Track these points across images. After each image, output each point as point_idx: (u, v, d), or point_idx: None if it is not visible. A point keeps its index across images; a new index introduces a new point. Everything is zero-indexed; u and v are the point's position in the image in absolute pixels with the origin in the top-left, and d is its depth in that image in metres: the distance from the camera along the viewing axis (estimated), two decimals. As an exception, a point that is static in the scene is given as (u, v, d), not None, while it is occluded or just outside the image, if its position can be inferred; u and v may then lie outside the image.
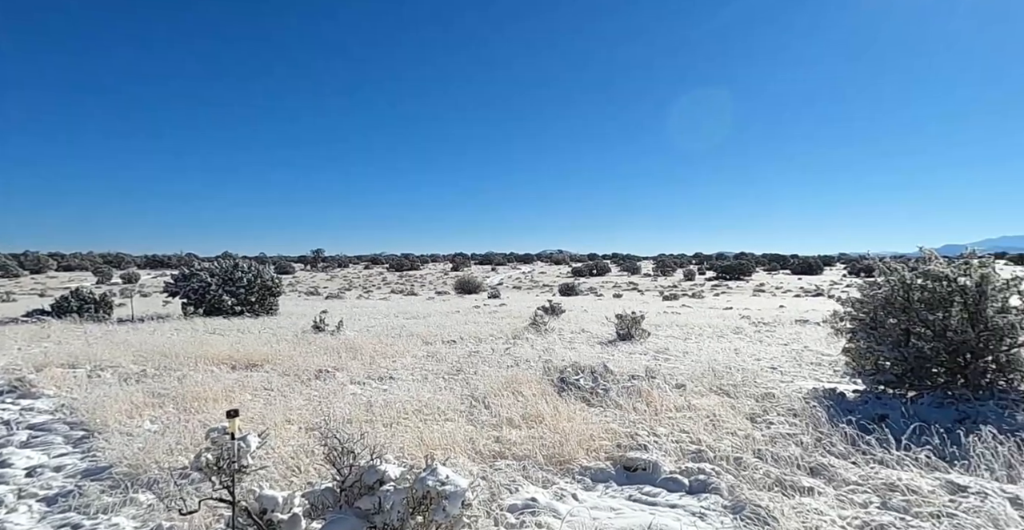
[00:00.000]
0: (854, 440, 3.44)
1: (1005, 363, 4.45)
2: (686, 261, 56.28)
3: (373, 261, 60.71)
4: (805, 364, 6.71)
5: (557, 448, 3.48)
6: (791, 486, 2.91)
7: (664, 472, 3.25)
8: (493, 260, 59.56)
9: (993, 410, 3.94)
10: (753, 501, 2.70)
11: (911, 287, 4.77)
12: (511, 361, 6.77)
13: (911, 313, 4.69)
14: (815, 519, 2.46)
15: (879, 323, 4.92)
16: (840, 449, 3.38)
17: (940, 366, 4.63)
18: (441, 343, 8.49)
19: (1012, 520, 2.38)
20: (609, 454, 3.51)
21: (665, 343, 8.45)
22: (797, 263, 44.68)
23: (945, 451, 3.23)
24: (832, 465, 3.12)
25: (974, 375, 4.41)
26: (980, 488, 2.67)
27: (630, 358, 7.08)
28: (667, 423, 4.06)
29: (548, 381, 5.35)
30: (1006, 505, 2.51)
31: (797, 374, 6.12)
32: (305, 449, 3.28)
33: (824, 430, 3.66)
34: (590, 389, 5.01)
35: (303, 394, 5.07)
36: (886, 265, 5.07)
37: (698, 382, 5.35)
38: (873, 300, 5.02)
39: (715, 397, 4.82)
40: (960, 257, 4.89)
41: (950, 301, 4.57)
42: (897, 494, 2.72)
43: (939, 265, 4.81)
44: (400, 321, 11.94)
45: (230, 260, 13.68)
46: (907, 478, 2.85)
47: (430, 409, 4.45)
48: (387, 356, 7.14)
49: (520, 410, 4.29)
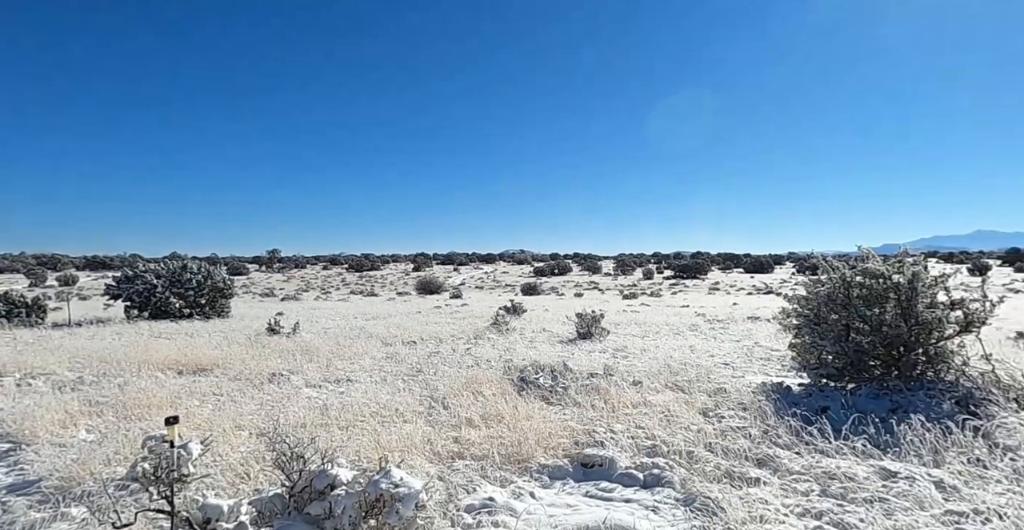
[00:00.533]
0: (798, 432, 3.59)
1: (934, 355, 4.74)
2: (645, 260, 57.53)
3: (332, 262, 59.27)
4: (755, 359, 6.97)
5: (516, 447, 3.49)
6: (739, 477, 3.01)
7: (620, 468, 3.31)
8: (455, 260, 59.20)
9: (922, 400, 4.20)
10: (704, 493, 2.78)
11: (851, 284, 5.02)
12: (472, 361, 6.75)
13: (851, 309, 4.93)
14: (760, 508, 2.56)
15: (822, 319, 5.17)
16: (785, 440, 3.53)
17: (876, 359, 4.89)
18: (401, 344, 8.38)
19: (935, 501, 2.55)
20: (567, 451, 3.55)
21: (624, 341, 8.62)
22: (750, 262, 46.42)
23: (880, 439, 3.42)
24: (777, 456, 3.26)
25: (906, 367, 4.69)
26: (909, 473, 2.84)
27: (590, 356, 7.18)
28: (624, 419, 4.13)
29: (508, 380, 5.36)
30: (931, 488, 2.68)
31: (748, 369, 6.35)
32: (256, 455, 3.17)
33: (771, 423, 3.81)
34: (549, 388, 5.06)
35: (255, 399, 4.91)
36: (829, 264, 5.32)
37: (654, 379, 5.47)
38: (817, 297, 5.26)
39: (670, 393, 4.94)
40: (895, 256, 5.19)
41: (886, 297, 4.84)
42: (836, 482, 2.86)
43: (876, 263, 5.09)
44: (359, 322, 11.71)
45: (178, 261, 13.08)
46: (845, 466, 3.00)
47: (388, 411, 4.39)
48: (345, 358, 6.99)
49: (480, 410, 4.29)
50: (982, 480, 2.80)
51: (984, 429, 3.40)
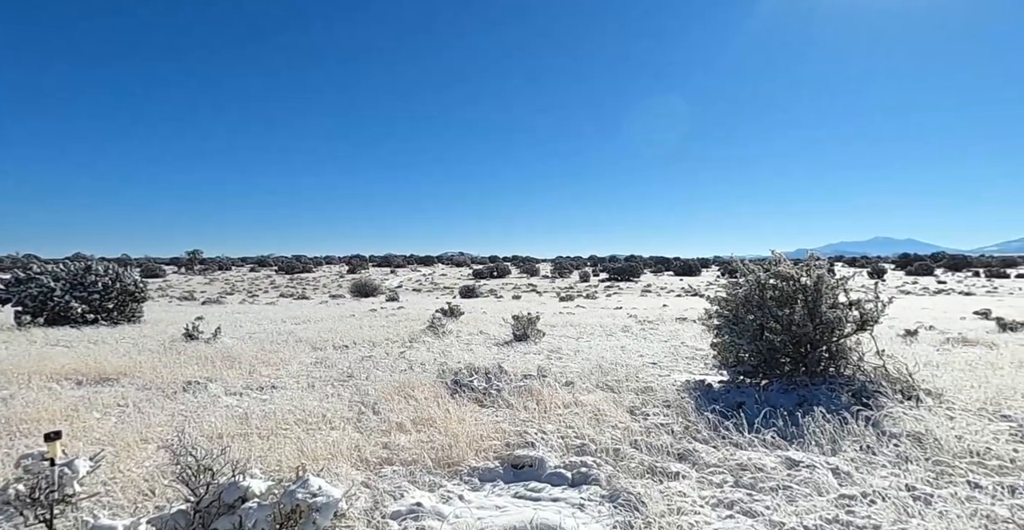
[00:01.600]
0: (716, 427, 3.80)
1: (835, 352, 5.17)
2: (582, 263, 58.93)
3: (260, 263, 56.28)
4: (681, 359, 7.30)
5: (447, 451, 3.46)
6: (661, 472, 3.14)
7: (550, 467, 3.36)
8: (393, 262, 57.95)
9: (824, 393, 4.56)
10: (627, 489, 2.88)
11: (765, 286, 5.38)
12: (406, 365, 6.63)
13: (765, 310, 5.28)
14: (679, 501, 2.68)
15: (740, 319, 5.49)
16: (704, 435, 3.72)
17: (787, 356, 5.26)
18: (332, 348, 8.09)
19: (831, 487, 2.78)
20: (498, 453, 3.56)
21: (559, 343, 8.77)
22: (679, 265, 48.69)
23: (787, 431, 3.68)
24: (696, 450, 3.43)
25: (812, 363, 5.09)
26: (810, 462, 3.08)
27: (525, 358, 7.25)
28: (555, 420, 4.20)
29: (443, 384, 5.31)
30: (828, 475, 2.92)
31: (674, 368, 6.64)
32: (163, 470, 2.94)
33: (692, 419, 4.01)
34: (483, 390, 5.06)
35: (167, 409, 4.56)
36: (746, 267, 5.67)
37: (586, 379, 5.60)
38: (735, 298, 5.59)
39: (601, 393, 5.08)
40: (804, 260, 5.61)
41: (795, 299, 5.22)
42: (747, 472, 3.05)
43: (787, 267, 5.48)
44: (288, 326, 11.20)
45: (82, 262, 11.95)
46: (756, 457, 3.20)
47: (315, 418, 4.22)
48: (270, 364, 6.66)
49: (411, 414, 4.22)
50: (871, 466, 3.07)
51: (874, 419, 3.75)
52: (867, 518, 2.42)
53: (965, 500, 2.55)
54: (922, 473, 2.93)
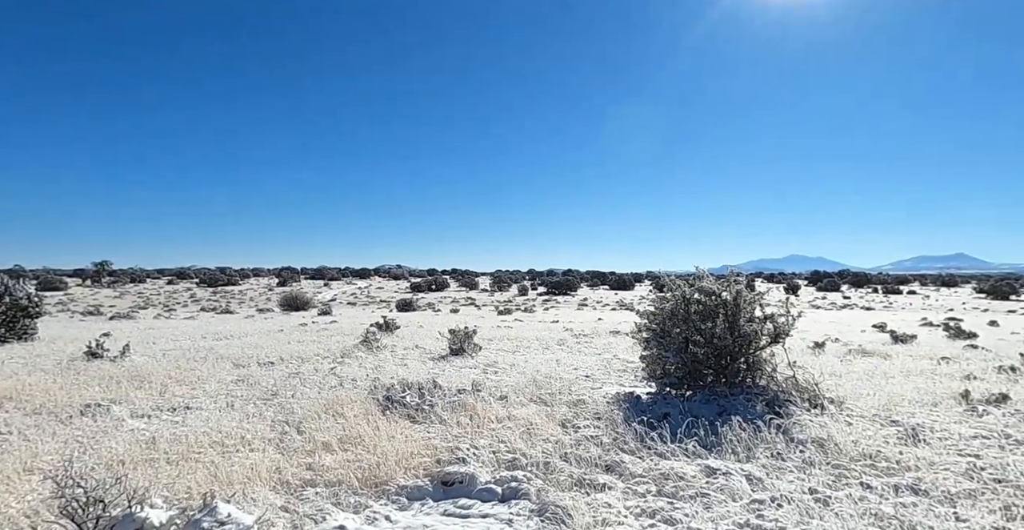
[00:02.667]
0: (642, 437, 3.93)
1: (752, 363, 5.50)
2: (521, 277, 59.45)
3: (179, 275, 52.41)
4: (613, 371, 7.50)
5: (374, 469, 3.36)
6: (590, 484, 3.20)
7: (480, 483, 3.33)
8: (327, 275, 55.82)
9: (742, 403, 4.84)
10: (556, 502, 2.91)
11: (690, 301, 5.65)
12: (336, 381, 6.39)
13: (690, 323, 5.54)
14: (605, 512, 2.74)
15: (667, 332, 5.73)
16: (631, 446, 3.84)
17: (709, 368, 5.53)
18: (257, 365, 7.66)
19: (745, 493, 2.94)
20: (428, 470, 3.49)
21: (496, 356, 8.76)
22: (614, 279, 50.22)
23: (707, 440, 3.87)
24: (623, 461, 3.52)
25: (731, 374, 5.38)
26: (727, 469, 3.25)
27: (460, 372, 7.19)
28: (488, 434, 4.18)
29: (374, 400, 5.16)
30: (743, 481, 3.09)
31: (606, 381, 6.80)
32: (48, 504, 2.66)
33: (620, 430, 4.12)
34: (416, 406, 4.96)
35: (59, 436, 4.13)
36: (672, 282, 5.95)
37: (521, 393, 5.63)
38: (663, 312, 5.83)
39: (534, 406, 5.12)
40: (725, 276, 5.96)
41: (717, 313, 5.52)
42: (670, 481, 3.17)
43: (709, 282, 5.80)
44: (208, 343, 10.50)
45: (-35, 269, 10.67)
46: (678, 467, 3.34)
47: (233, 439, 3.97)
48: (185, 383, 6.20)
49: (339, 433, 4.06)
50: (780, 471, 3.29)
51: (784, 426, 4.02)
52: (774, 521, 2.58)
53: (858, 500, 2.77)
54: (823, 476, 3.17)
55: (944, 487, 2.92)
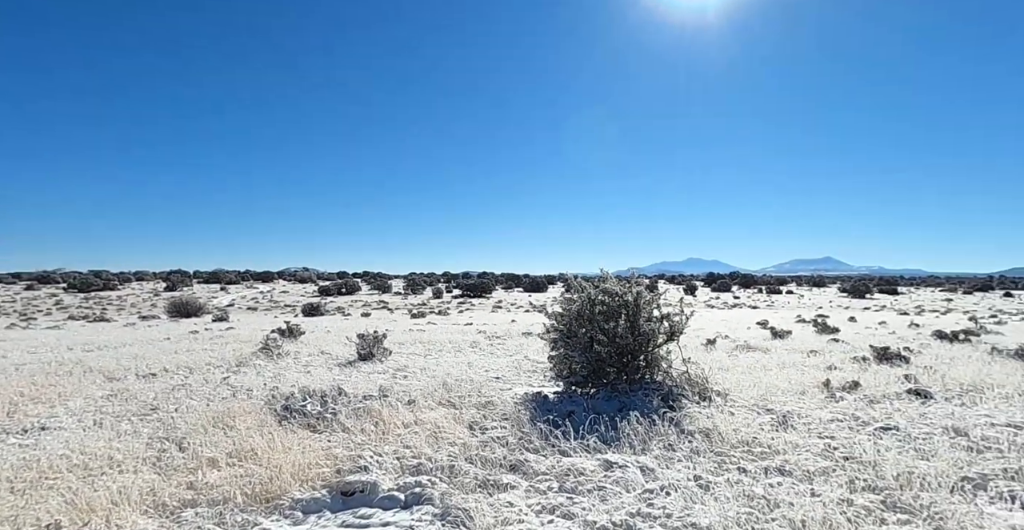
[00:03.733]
0: (547, 436, 4.03)
1: (651, 360, 5.84)
2: (436, 279, 58.79)
3: (41, 280, 45.91)
4: (524, 372, 7.63)
5: (266, 484, 3.15)
6: (494, 484, 3.23)
7: (383, 491, 3.24)
8: (223, 278, 51.55)
9: (640, 398, 5.12)
10: (459, 505, 2.90)
11: (595, 302, 5.90)
12: (229, 392, 5.93)
13: (594, 323, 5.78)
14: (506, 511, 2.78)
15: (574, 333, 5.93)
16: (536, 445, 3.92)
17: (612, 366, 5.79)
18: (135, 378, 6.91)
19: (639, 484, 3.12)
20: (327, 481, 3.34)
21: (406, 360, 8.59)
22: (528, 281, 51.22)
23: (608, 436, 4.04)
24: (528, 460, 3.59)
25: (631, 371, 5.68)
26: (624, 462, 3.42)
27: (368, 378, 6.97)
28: (394, 440, 4.09)
29: (271, 411, 4.85)
30: (637, 473, 3.27)
31: (516, 382, 6.90)
32: None
33: (526, 430, 4.19)
34: (317, 414, 4.73)
35: None
36: (579, 284, 6.18)
37: (430, 397, 5.56)
38: (570, 313, 6.04)
39: (443, 409, 5.07)
40: (627, 278, 6.28)
41: (619, 313, 5.80)
42: (571, 477, 3.28)
43: (612, 284, 6.08)
44: (76, 354, 9.31)
45: None
46: (579, 462, 3.46)
47: (100, 461, 3.55)
48: (42, 401, 5.45)
49: (228, 447, 3.77)
50: (671, 461, 3.52)
51: (676, 419, 4.31)
52: (662, 508, 2.75)
53: (735, 484, 3.04)
54: (708, 464, 3.44)
55: (805, 467, 3.27)
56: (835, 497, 2.79)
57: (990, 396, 5.21)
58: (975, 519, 2.53)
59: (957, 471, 3.12)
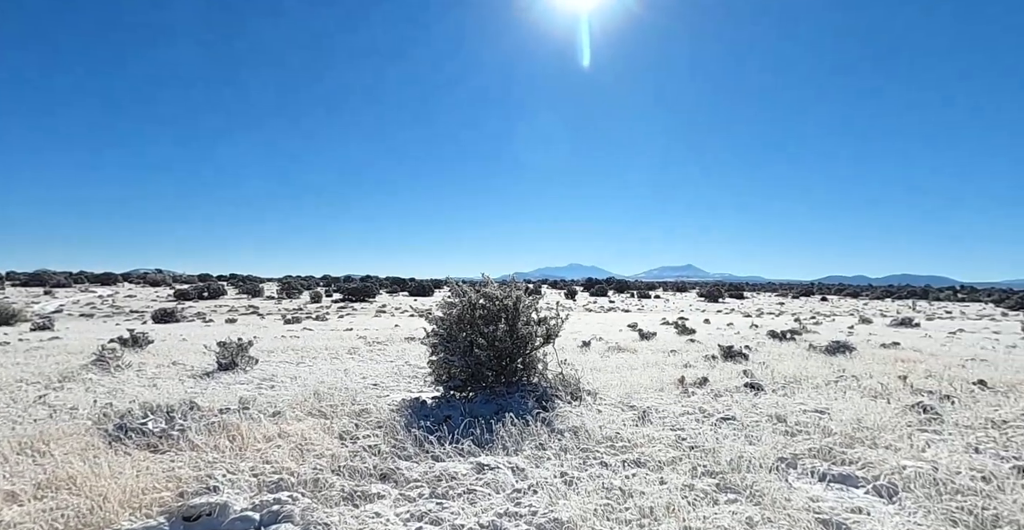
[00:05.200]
0: (422, 442, 3.96)
1: (528, 363, 6.03)
2: (315, 283, 55.42)
3: None
4: (403, 378, 7.46)
5: (85, 516, 2.71)
6: (362, 495, 3.10)
7: (234, 512, 2.95)
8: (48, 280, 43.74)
9: (517, 400, 5.26)
10: (321, 520, 2.74)
11: (475, 306, 5.95)
12: (45, 412, 5.04)
13: (475, 327, 5.83)
14: (372, 522, 2.68)
15: (454, 337, 5.92)
16: (410, 452, 3.84)
17: (491, 370, 5.89)
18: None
19: (509, 484, 3.19)
20: (166, 506, 2.96)
21: (275, 369, 7.97)
22: (414, 285, 50.38)
23: (483, 438, 4.09)
24: (400, 468, 3.50)
25: (509, 374, 5.81)
26: (496, 464, 3.48)
27: (228, 390, 6.34)
28: (253, 456, 3.75)
29: (100, 431, 4.21)
30: (509, 473, 3.34)
31: (395, 388, 6.72)
32: None
33: (400, 437, 4.09)
34: (161, 433, 4.19)
35: None
36: (459, 287, 6.19)
37: (299, 407, 5.21)
38: (451, 317, 6.03)
39: (312, 420, 4.77)
40: (507, 283, 6.42)
41: (499, 317, 5.91)
42: (443, 482, 3.25)
43: (493, 288, 6.19)
44: None
45: None
46: (452, 467, 3.45)
47: None
48: None
49: (37, 477, 3.19)
50: (541, 460, 3.65)
51: (548, 419, 4.48)
52: (529, 506, 2.84)
53: (596, 478, 3.24)
54: (574, 460, 3.62)
55: (658, 458, 3.59)
56: (680, 483, 3.09)
57: (806, 386, 6.13)
58: (785, 493, 2.96)
59: (775, 453, 3.62)
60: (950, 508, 2.78)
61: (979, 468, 3.31)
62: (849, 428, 4.22)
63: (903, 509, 2.86)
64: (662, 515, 2.71)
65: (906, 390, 5.89)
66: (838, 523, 2.64)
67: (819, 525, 2.64)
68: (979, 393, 5.75)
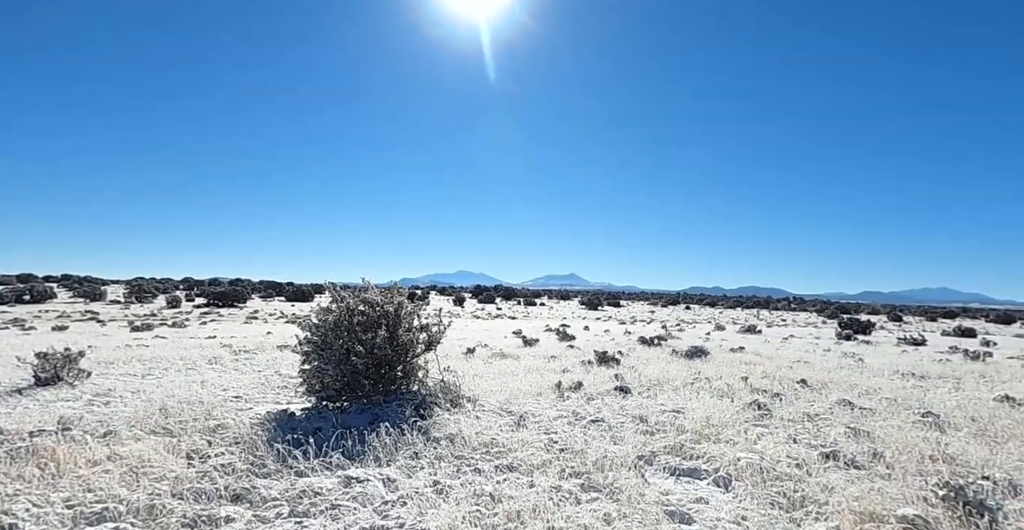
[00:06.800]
0: (285, 457, 3.68)
1: (408, 370, 5.89)
2: (173, 286, 49.46)
3: None
4: (272, 389, 6.89)
5: None
6: (207, 520, 2.79)
7: (40, 554, 2.50)
8: None
9: (395, 409, 5.11)
10: (153, 553, 2.41)
11: (354, 312, 5.70)
12: None
13: (353, 334, 5.57)
14: (217, 550, 2.41)
15: (329, 345, 5.61)
16: (271, 468, 3.54)
17: (369, 378, 5.66)
18: None
19: (379, 496, 3.07)
20: (-57, 556, 2.42)
21: (114, 383, 6.94)
22: (292, 290, 47.00)
23: (355, 450, 3.90)
24: (257, 487, 3.21)
25: (388, 382, 5.63)
26: (366, 476, 3.33)
27: (47, 408, 5.40)
28: (71, 484, 3.21)
29: None
30: (379, 485, 3.22)
31: (261, 400, 6.18)
32: None
33: (260, 453, 3.76)
34: (-57, 464, 3.43)
35: None
36: (338, 292, 5.90)
37: (140, 425, 4.58)
38: (326, 324, 5.70)
39: (155, 439, 4.22)
40: (390, 288, 6.23)
41: (379, 323, 5.71)
42: (305, 499, 3.04)
43: (374, 294, 5.97)
44: None
45: None
46: (317, 482, 3.24)
47: None
48: None
49: None
50: (414, 470, 3.57)
51: (425, 427, 4.41)
52: (397, 518, 2.76)
53: (469, 484, 3.24)
54: (449, 468, 3.59)
55: (530, 461, 3.68)
56: (548, 486, 3.19)
57: (667, 388, 6.70)
58: (641, 489, 3.19)
59: (636, 451, 3.91)
60: (771, 493, 3.20)
61: (795, 456, 3.85)
62: (699, 425, 4.68)
63: (736, 497, 3.23)
64: (528, 518, 2.78)
65: (747, 389, 6.69)
66: (682, 513, 2.91)
67: (666, 516, 2.88)
68: (801, 390, 6.71)
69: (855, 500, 3.02)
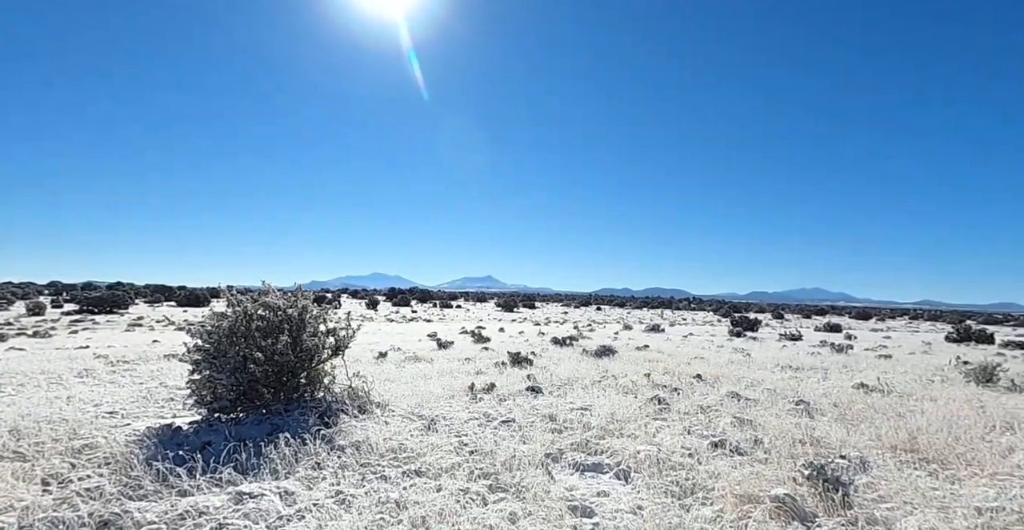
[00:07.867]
0: (166, 476, 3.34)
1: (313, 377, 5.60)
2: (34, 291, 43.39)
3: None
4: (155, 402, 6.26)
5: None
6: (65, 555, 2.46)
7: None
8: None
9: (296, 418, 4.83)
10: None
11: (252, 317, 5.32)
12: None
13: (251, 340, 5.20)
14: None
15: (222, 352, 5.19)
16: (148, 489, 3.20)
17: (269, 387, 5.31)
18: None
19: (275, 511, 2.88)
20: None
21: (-51, 403, 5.94)
22: (184, 294, 42.95)
23: (248, 464, 3.63)
24: (129, 510, 2.89)
25: (290, 390, 5.32)
26: (260, 491, 3.11)
27: None
28: None
29: None
30: (276, 499, 3.02)
31: (141, 415, 5.59)
32: None
33: (136, 473, 3.39)
34: None
35: None
36: (234, 296, 5.48)
37: (-18, 451, 3.95)
38: (220, 330, 5.27)
39: (2, 465, 3.66)
40: (292, 292, 5.89)
41: (281, 328, 5.38)
42: (188, 520, 2.78)
43: (275, 297, 5.62)
44: None
45: None
46: (203, 500, 2.98)
47: None
48: None
49: None
50: (315, 480, 3.39)
51: (330, 435, 4.21)
52: (293, 533, 2.60)
53: (375, 492, 3.14)
54: (353, 477, 3.45)
55: (439, 465, 3.64)
56: (456, 489, 3.17)
57: (576, 387, 6.92)
58: (546, 486, 3.27)
59: (544, 449, 3.99)
60: (666, 482, 3.41)
61: (688, 447, 4.14)
62: (605, 421, 4.88)
63: (635, 488, 3.41)
64: (434, 523, 2.74)
65: (649, 386, 7.08)
66: (585, 507, 3.01)
67: (570, 511, 2.97)
68: (696, 385, 7.23)
69: (737, 484, 3.30)
